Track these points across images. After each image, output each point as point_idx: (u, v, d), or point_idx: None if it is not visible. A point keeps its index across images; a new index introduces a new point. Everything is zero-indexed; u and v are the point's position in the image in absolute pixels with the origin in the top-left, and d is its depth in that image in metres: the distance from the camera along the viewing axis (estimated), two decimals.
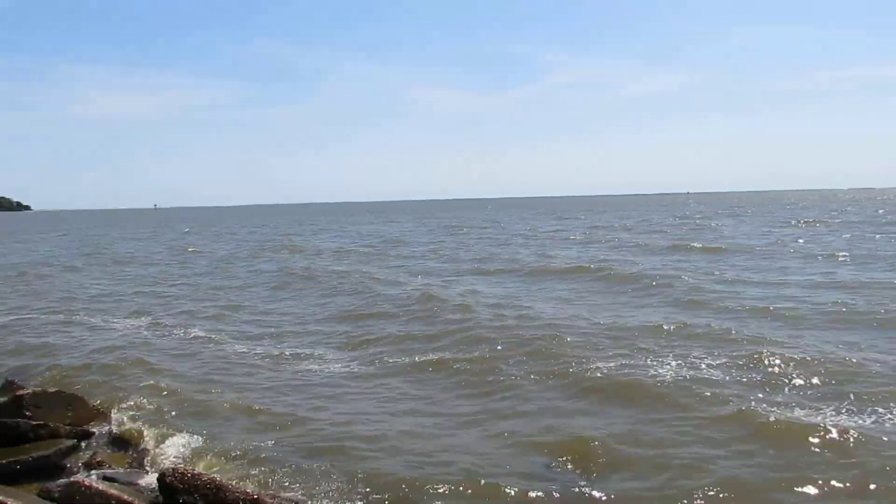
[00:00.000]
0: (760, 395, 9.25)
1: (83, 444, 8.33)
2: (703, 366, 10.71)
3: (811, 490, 6.52)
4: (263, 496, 5.33)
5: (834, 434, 7.63)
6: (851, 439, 7.51)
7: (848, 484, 6.58)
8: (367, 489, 6.64)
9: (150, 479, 6.92)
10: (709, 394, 9.29)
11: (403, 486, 6.71)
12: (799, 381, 9.78)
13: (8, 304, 20.35)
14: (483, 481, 6.71)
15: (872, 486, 6.52)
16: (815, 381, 9.75)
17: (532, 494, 6.44)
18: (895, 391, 9.14)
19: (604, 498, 6.44)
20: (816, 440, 7.58)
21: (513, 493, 6.47)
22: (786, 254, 27.86)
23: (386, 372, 11.33)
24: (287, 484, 6.81)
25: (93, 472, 7.21)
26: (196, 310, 18.36)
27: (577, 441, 7.83)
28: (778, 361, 10.60)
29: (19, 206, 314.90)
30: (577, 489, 6.65)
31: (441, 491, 6.58)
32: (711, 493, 6.45)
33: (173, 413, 9.44)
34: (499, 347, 12.36)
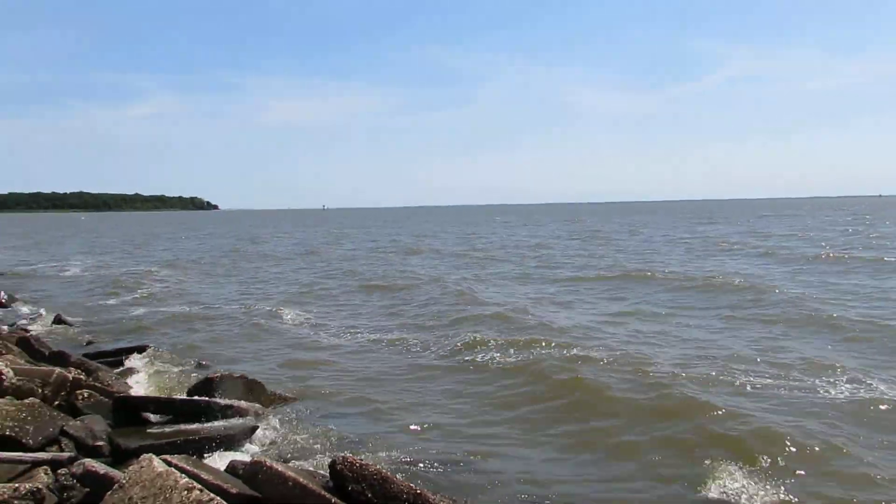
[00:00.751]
0: None
1: (263, 425, 9.02)
2: None
3: None
4: (426, 493, 5.45)
5: None
6: None
7: None
8: None
9: (318, 464, 7.39)
10: None
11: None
12: None
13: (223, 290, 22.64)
14: None
15: None
16: None
17: None
18: None
19: None
20: None
21: None
22: None
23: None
24: (446, 486, 6.97)
25: (270, 452, 7.80)
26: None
27: None
28: None
29: (209, 206, 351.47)
30: None
31: None
32: None
33: (343, 405, 10.00)
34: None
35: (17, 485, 5.45)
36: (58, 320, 16.99)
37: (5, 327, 14.19)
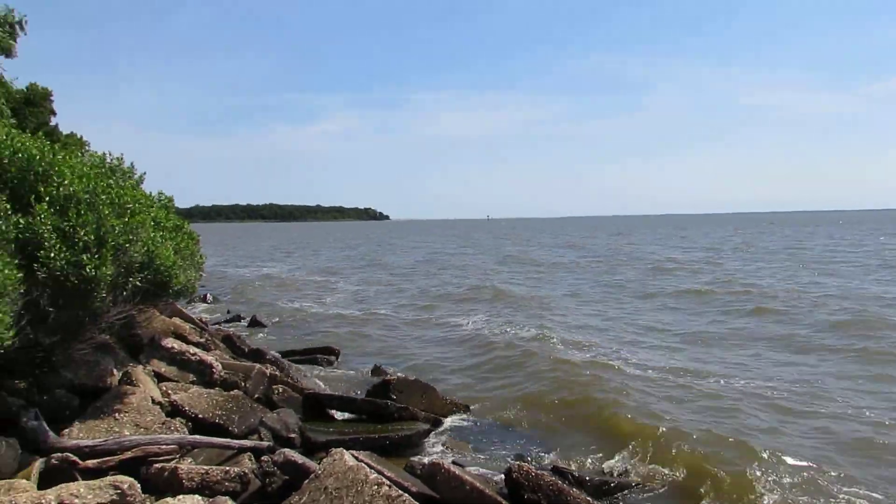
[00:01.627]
0: None
1: (436, 430, 9.33)
2: None
3: None
4: None
5: None
6: None
7: None
8: None
9: (491, 471, 7.50)
10: None
11: None
12: None
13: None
14: None
15: None
16: None
17: None
18: None
19: None
20: None
21: None
22: None
23: None
24: None
25: (446, 455, 8.05)
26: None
27: None
28: None
29: (381, 216, 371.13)
30: None
31: None
32: None
33: (516, 416, 10.07)
34: None
35: (227, 468, 6.09)
36: (254, 321, 18.76)
37: (215, 326, 15.92)
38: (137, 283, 6.90)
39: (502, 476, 6.14)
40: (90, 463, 5.70)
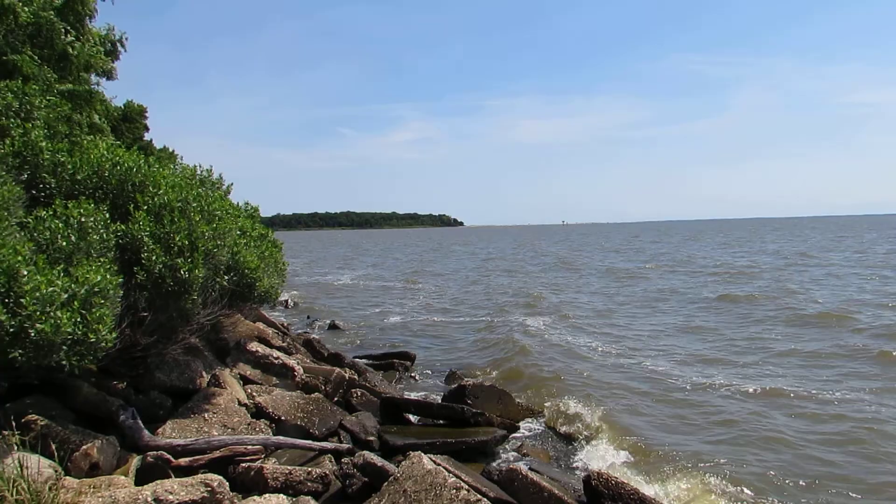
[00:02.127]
0: None
1: (512, 436, 9.29)
2: None
3: None
4: None
5: None
6: None
7: None
8: None
9: (570, 478, 7.40)
10: None
11: None
12: None
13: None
14: None
15: None
16: None
17: None
18: None
19: None
20: None
21: None
22: None
23: None
24: None
25: (522, 461, 8.00)
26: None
27: None
28: None
29: (455, 223, 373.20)
30: None
31: None
32: None
33: (591, 424, 9.90)
34: None
35: (309, 469, 6.26)
36: (332, 325, 19.22)
37: (297, 331, 16.41)
38: (224, 283, 7.21)
39: (583, 483, 6.05)
40: (182, 461, 5.98)
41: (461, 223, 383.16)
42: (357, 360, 13.27)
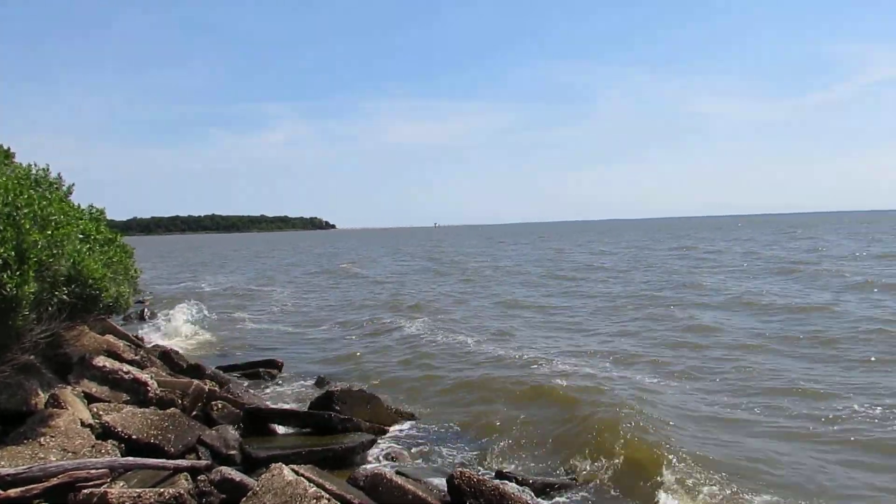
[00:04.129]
0: None
1: (381, 440, 9.25)
2: None
3: None
4: None
5: None
6: None
7: None
8: None
9: (438, 479, 7.47)
10: None
11: None
12: None
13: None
14: None
15: None
16: None
17: None
18: None
19: None
20: None
21: None
22: None
23: None
24: None
25: (389, 465, 7.99)
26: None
27: None
28: None
29: (327, 225, 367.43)
30: None
31: None
32: None
33: (460, 423, 10.07)
34: None
35: (161, 490, 5.88)
36: (193, 335, 18.27)
37: (151, 342, 15.42)
38: (64, 297, 6.63)
39: (446, 483, 6.12)
40: (13, 492, 5.43)
41: (333, 226, 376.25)
42: (220, 370, 12.70)
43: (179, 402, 8.88)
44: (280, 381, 13.10)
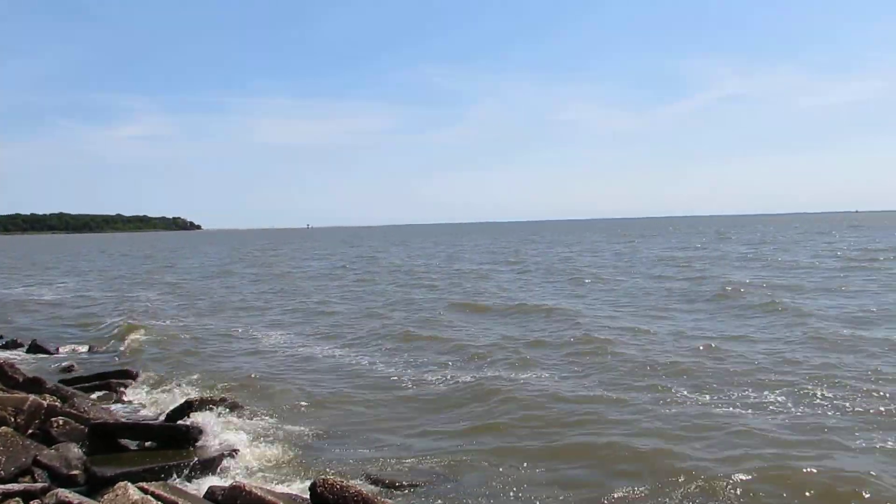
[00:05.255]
0: None
1: (241, 450, 8.88)
2: None
3: None
4: None
5: None
6: None
7: None
8: None
9: (299, 486, 7.28)
10: None
11: None
12: None
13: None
14: None
15: None
16: None
17: None
18: None
19: None
20: None
21: None
22: None
23: None
24: None
25: (251, 476, 7.68)
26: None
27: None
28: None
29: (192, 226, 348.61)
30: None
31: None
32: None
33: (325, 427, 9.89)
34: None
35: None
36: (34, 347, 16.68)
37: None
38: None
39: (309, 491, 5.97)
40: None
41: (199, 227, 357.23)
42: (62, 384, 11.69)
43: (12, 420, 8.07)
44: (135, 393, 12.26)
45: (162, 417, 9.77)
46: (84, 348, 17.22)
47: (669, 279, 28.73)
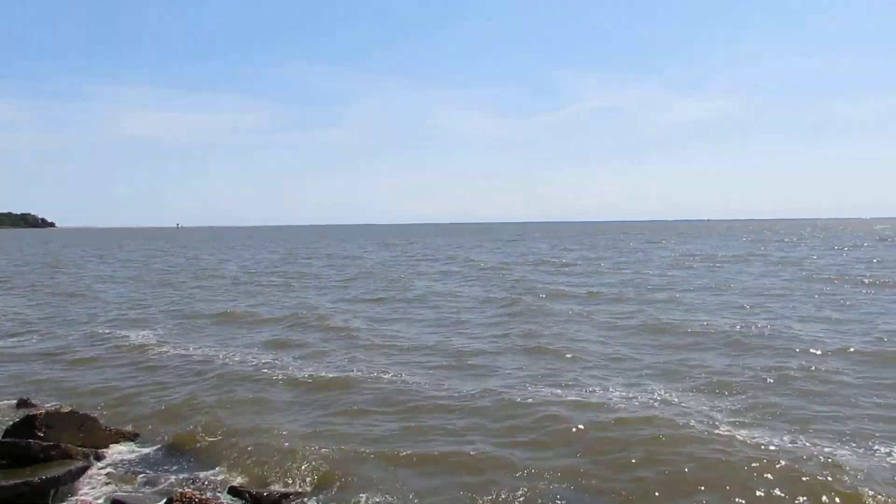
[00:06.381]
0: None
1: (97, 465, 8.34)
2: None
3: None
4: None
5: None
6: None
7: None
8: None
9: (156, 499, 6.94)
10: None
11: None
12: None
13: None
14: None
15: None
16: None
17: None
18: None
19: None
20: None
21: None
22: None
23: None
24: None
25: (103, 492, 7.21)
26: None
27: None
28: None
29: (44, 223, 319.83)
30: None
31: None
32: None
33: (185, 438, 9.45)
34: None
35: None
36: None
37: None
38: None
39: None
40: None
41: (52, 224, 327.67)
42: None
43: None
44: None
45: None
46: None
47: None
